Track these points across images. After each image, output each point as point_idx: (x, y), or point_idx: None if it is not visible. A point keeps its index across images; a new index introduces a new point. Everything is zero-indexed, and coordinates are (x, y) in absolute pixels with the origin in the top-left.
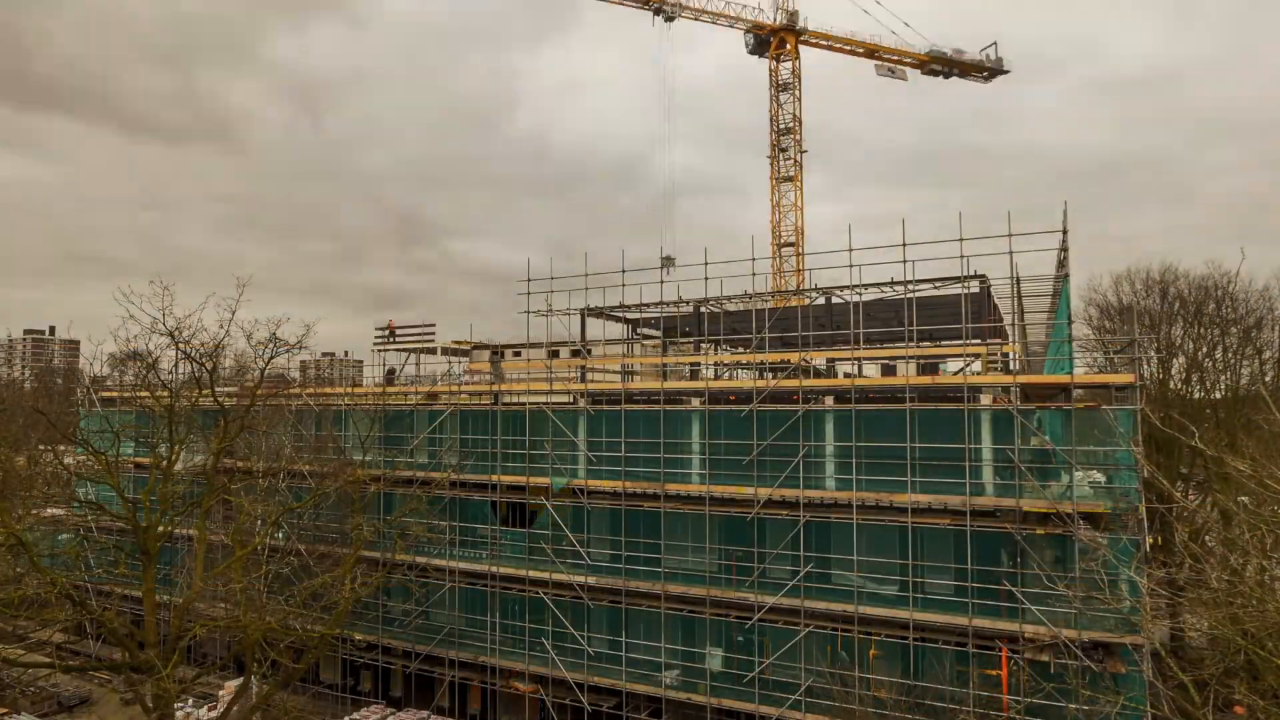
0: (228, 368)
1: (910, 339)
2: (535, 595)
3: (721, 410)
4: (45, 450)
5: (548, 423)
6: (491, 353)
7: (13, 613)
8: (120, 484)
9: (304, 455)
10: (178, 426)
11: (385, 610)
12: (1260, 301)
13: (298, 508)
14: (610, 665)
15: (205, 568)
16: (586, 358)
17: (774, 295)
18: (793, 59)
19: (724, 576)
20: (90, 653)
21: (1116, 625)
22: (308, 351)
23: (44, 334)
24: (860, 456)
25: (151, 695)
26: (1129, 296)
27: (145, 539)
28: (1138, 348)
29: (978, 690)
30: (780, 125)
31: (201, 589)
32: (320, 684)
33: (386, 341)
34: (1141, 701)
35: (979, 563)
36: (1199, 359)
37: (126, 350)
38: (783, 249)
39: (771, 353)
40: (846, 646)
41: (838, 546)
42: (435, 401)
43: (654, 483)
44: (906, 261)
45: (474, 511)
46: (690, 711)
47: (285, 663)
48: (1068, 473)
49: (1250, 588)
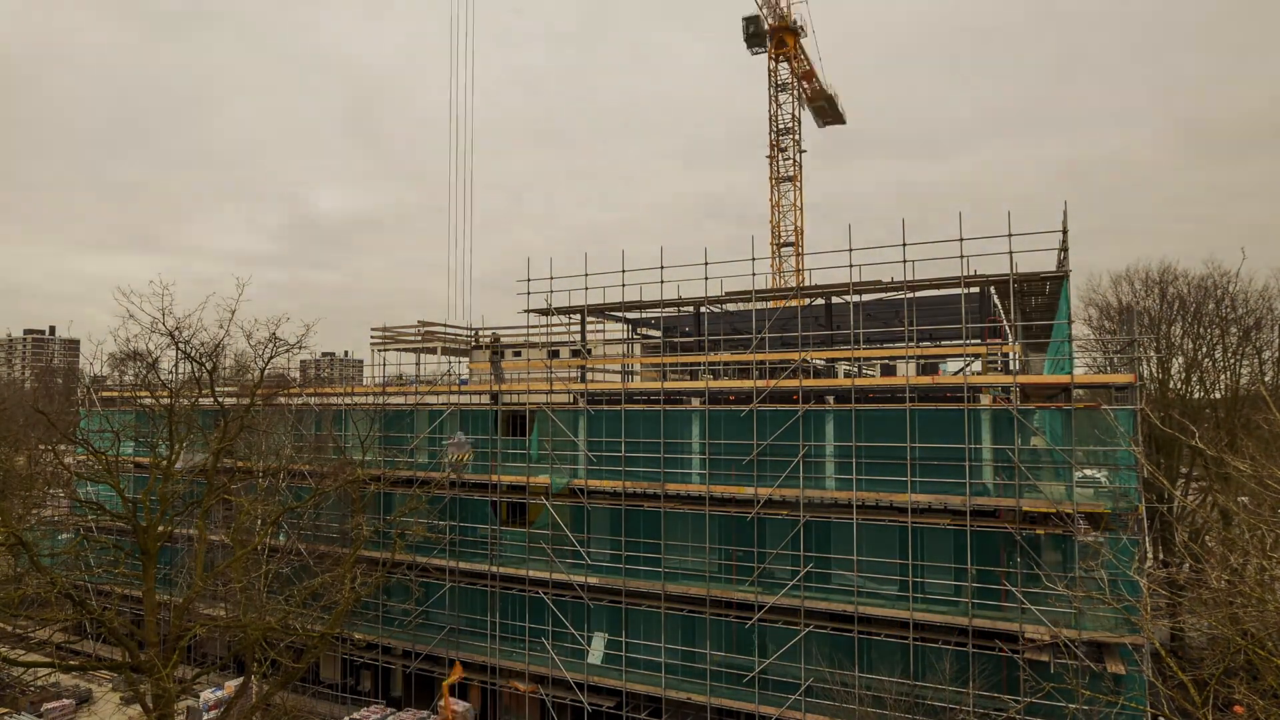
0: (228, 368)
1: (910, 339)
2: (535, 595)
3: (721, 410)
4: (45, 450)
5: (548, 422)
6: (492, 353)
7: (13, 613)
8: (120, 484)
9: (304, 455)
10: (178, 426)
11: (385, 610)
12: (1260, 301)
13: (298, 507)
14: (610, 665)
15: (205, 568)
16: (586, 358)
17: (774, 295)
18: (792, 58)
19: (724, 576)
20: (90, 653)
21: (1116, 625)
22: (307, 351)
23: (44, 334)
24: (860, 456)
25: (151, 695)
26: (1128, 296)
27: (145, 539)
28: (1137, 348)
29: (977, 690)
30: (779, 125)
31: (201, 589)
32: (320, 684)
33: (385, 343)
34: (1141, 701)
35: (979, 563)
36: (1199, 359)
37: (126, 350)
38: (782, 249)
39: (771, 353)
40: (846, 646)
41: (838, 546)
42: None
43: (654, 482)
44: (906, 262)
45: (474, 511)
46: (690, 711)
47: (285, 662)
48: (1068, 473)
49: (1250, 588)
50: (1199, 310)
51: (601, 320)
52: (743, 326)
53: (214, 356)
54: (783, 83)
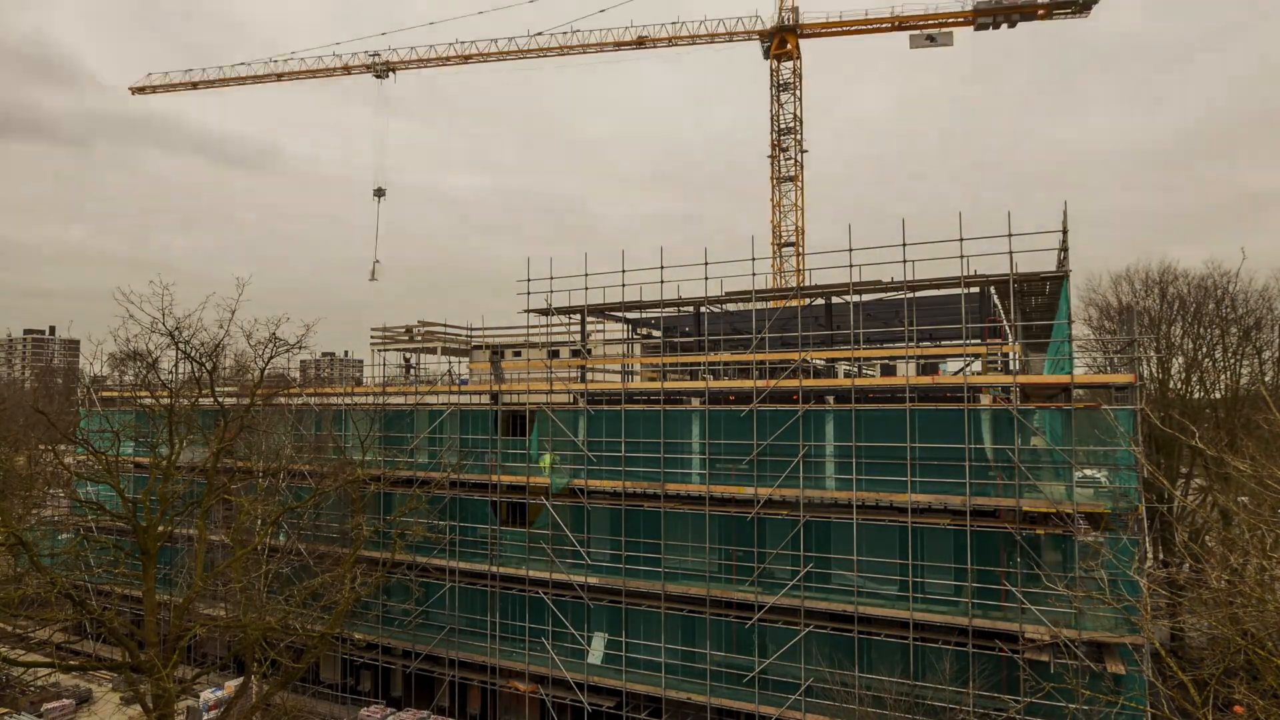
0: (228, 368)
1: (910, 339)
2: (535, 595)
3: (721, 410)
4: (45, 450)
5: (548, 422)
6: (492, 353)
7: (13, 613)
8: (120, 484)
9: (304, 455)
10: (178, 426)
11: (385, 610)
12: (1260, 301)
13: (298, 507)
14: (610, 665)
15: (205, 568)
16: (586, 358)
17: (774, 295)
18: (794, 58)
19: (724, 576)
20: (90, 653)
21: (1116, 625)
22: (307, 351)
23: (44, 334)
24: (860, 456)
25: (151, 695)
26: (1128, 296)
27: (145, 539)
28: (1137, 348)
29: (977, 690)
30: (781, 125)
31: (201, 589)
32: (320, 684)
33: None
34: (1141, 701)
35: (979, 562)
36: (1199, 359)
37: (126, 350)
38: (783, 249)
39: (771, 353)
40: (846, 646)
41: (838, 546)
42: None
43: (654, 482)
44: (906, 261)
45: (474, 511)
46: (690, 711)
47: (285, 662)
48: (1068, 473)
49: (1250, 588)
50: (1199, 310)
51: (601, 320)
52: (743, 326)
53: (214, 356)
54: (784, 82)
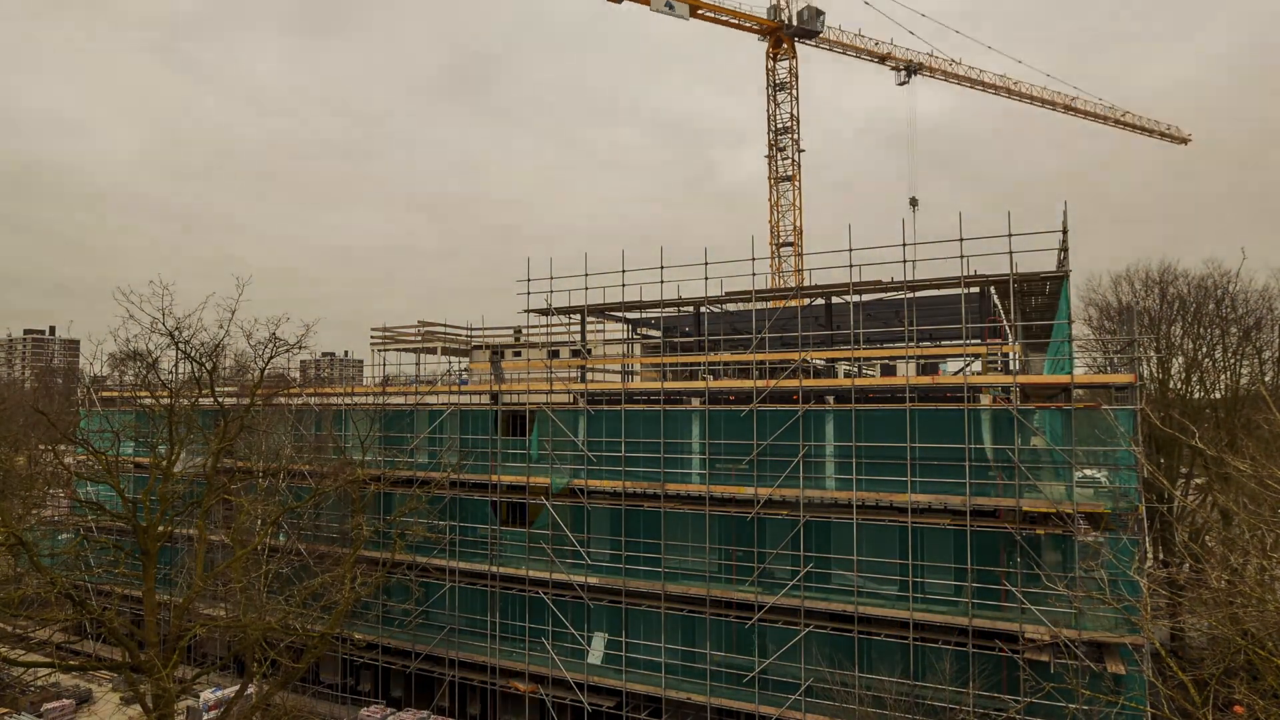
0: (228, 368)
1: (910, 339)
2: (535, 595)
3: (721, 410)
4: (45, 450)
5: (548, 422)
6: (492, 352)
7: (13, 613)
8: (120, 484)
9: (304, 455)
10: (178, 426)
11: (385, 610)
12: (1260, 301)
13: (298, 508)
14: (610, 665)
15: (205, 567)
16: (586, 358)
17: (774, 295)
18: (790, 58)
19: (724, 576)
20: (90, 653)
21: (1116, 625)
22: (307, 351)
23: (44, 334)
24: (860, 456)
25: (151, 695)
26: (1128, 296)
27: (145, 539)
28: (1137, 348)
29: (977, 690)
30: (778, 125)
31: (201, 589)
32: (320, 684)
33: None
34: (1141, 701)
35: (979, 563)
36: (1199, 359)
37: (126, 350)
38: (782, 249)
39: (771, 353)
40: (846, 646)
41: (838, 546)
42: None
43: (654, 483)
44: (907, 261)
45: (474, 511)
46: (690, 711)
47: (285, 662)
48: (1068, 473)
49: (1250, 588)
50: (1199, 310)
51: (601, 320)
52: (743, 326)
53: (214, 356)
54: (780, 82)
